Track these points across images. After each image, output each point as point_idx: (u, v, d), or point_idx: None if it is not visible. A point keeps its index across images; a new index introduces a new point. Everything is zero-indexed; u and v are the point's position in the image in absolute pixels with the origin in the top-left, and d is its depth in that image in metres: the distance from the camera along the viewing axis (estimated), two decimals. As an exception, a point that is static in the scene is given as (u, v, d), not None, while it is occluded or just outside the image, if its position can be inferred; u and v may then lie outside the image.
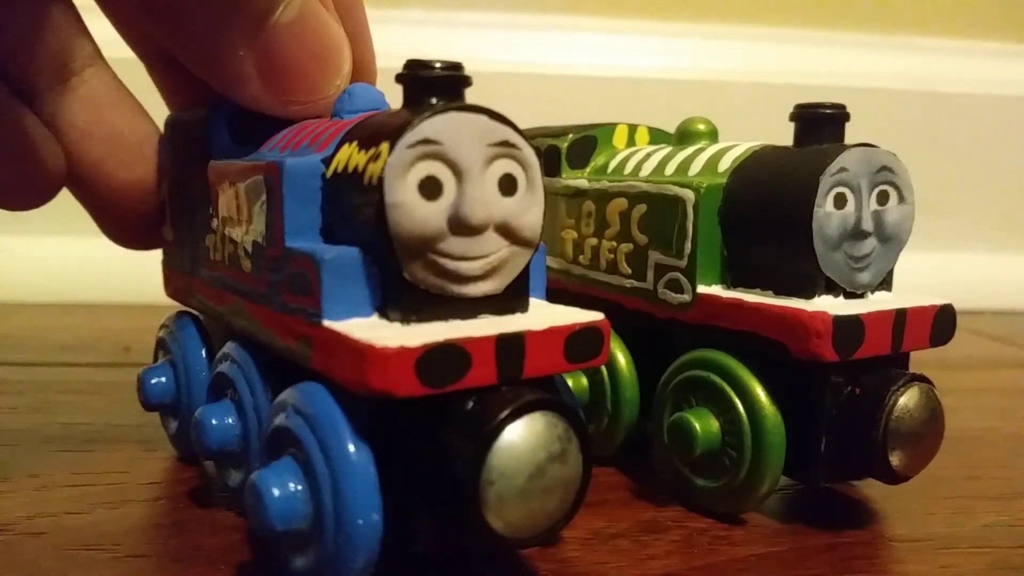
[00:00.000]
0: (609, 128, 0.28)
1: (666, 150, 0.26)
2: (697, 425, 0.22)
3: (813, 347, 0.20)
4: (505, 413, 0.15)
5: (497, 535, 0.16)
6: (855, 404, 0.21)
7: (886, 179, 0.21)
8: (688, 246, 0.23)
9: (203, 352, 0.24)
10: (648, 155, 0.26)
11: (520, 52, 0.58)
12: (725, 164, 0.23)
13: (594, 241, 0.26)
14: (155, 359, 0.26)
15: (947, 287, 0.29)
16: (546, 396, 0.16)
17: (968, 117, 0.61)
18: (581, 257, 0.26)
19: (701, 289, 0.22)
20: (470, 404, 0.16)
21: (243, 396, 0.20)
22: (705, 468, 0.22)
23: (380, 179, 0.16)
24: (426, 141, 0.16)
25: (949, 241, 0.60)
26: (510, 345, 0.16)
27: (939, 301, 0.22)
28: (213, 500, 0.22)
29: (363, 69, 0.24)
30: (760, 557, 0.20)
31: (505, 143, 0.17)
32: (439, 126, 0.16)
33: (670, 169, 0.25)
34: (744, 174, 0.23)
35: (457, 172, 0.16)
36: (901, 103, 0.60)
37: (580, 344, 0.17)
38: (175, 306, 0.25)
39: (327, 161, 0.18)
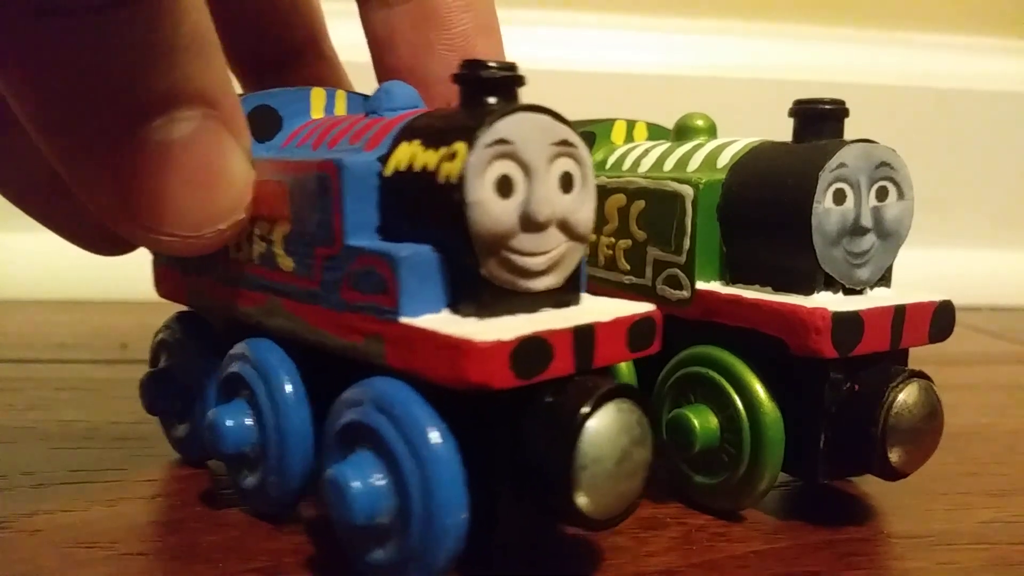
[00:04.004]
0: (607, 124, 0.28)
1: (664, 146, 0.26)
2: (696, 421, 0.22)
3: (812, 343, 0.20)
4: (592, 401, 0.16)
5: (588, 518, 0.16)
6: (854, 400, 0.21)
7: (885, 175, 0.21)
8: (687, 242, 0.23)
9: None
10: (646, 151, 0.26)
11: (517, 48, 0.57)
12: (724, 160, 0.23)
13: (592, 237, 0.26)
14: (154, 362, 0.25)
15: (946, 283, 0.29)
16: (622, 384, 0.17)
17: (967, 113, 0.61)
18: (579, 253, 0.26)
19: (700, 285, 0.22)
20: (550, 395, 0.17)
21: (259, 396, 0.20)
22: (704, 464, 0.22)
23: (460, 178, 0.16)
24: (501, 141, 0.16)
25: (948, 237, 0.60)
26: (584, 336, 0.17)
27: (938, 297, 0.22)
28: (211, 498, 0.22)
29: None
30: (759, 554, 0.20)
31: (565, 142, 0.17)
32: (512, 126, 0.16)
33: (668, 165, 0.25)
34: (743, 170, 0.23)
35: (526, 171, 0.17)
36: (900, 99, 0.60)
37: (640, 334, 0.18)
38: (173, 304, 0.25)
39: (383, 159, 0.18)
